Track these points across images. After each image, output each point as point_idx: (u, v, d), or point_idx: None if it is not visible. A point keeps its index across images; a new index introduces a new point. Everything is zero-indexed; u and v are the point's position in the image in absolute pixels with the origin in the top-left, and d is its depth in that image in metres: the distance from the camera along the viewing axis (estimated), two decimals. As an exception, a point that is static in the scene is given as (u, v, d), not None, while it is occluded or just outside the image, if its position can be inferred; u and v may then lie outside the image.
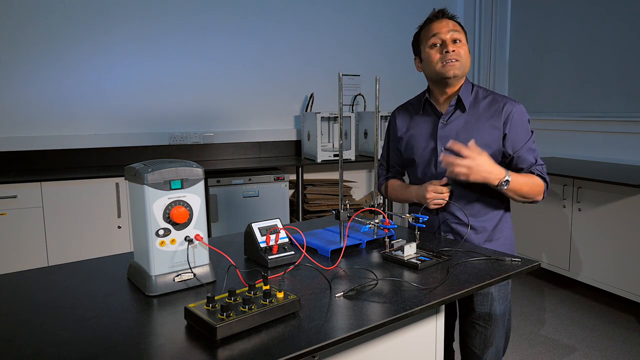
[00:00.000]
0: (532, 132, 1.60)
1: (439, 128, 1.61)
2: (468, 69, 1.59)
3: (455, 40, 1.55)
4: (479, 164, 1.43)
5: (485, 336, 1.60)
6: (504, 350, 1.70)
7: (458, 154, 1.45)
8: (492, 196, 1.60)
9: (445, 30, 1.54)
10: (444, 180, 1.56)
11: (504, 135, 1.56)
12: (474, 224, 1.60)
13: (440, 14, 1.58)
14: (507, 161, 1.60)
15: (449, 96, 1.62)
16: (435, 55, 1.57)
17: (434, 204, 1.57)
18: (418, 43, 1.65)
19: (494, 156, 1.56)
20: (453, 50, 1.54)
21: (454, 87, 1.60)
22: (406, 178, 1.83)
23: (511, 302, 1.70)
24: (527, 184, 1.52)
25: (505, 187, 1.47)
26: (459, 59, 1.54)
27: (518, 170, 1.61)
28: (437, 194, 1.56)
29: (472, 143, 1.46)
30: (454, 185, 1.59)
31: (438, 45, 1.56)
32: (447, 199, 1.56)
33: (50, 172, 3.06)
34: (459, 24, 1.59)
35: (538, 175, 1.57)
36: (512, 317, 2.39)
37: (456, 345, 1.86)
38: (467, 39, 1.60)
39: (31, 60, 3.19)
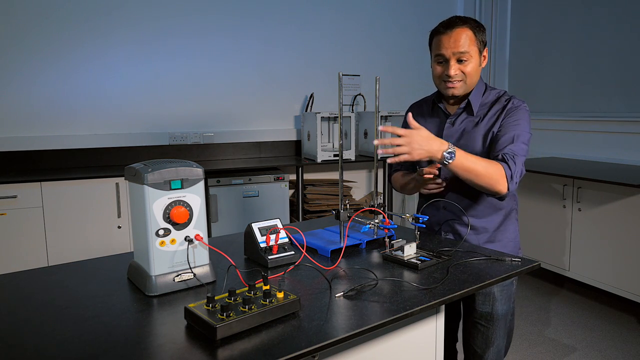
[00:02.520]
0: (529, 132, 1.53)
1: (445, 128, 1.62)
2: (475, 82, 1.57)
3: (461, 59, 1.51)
4: (415, 140, 1.33)
5: (486, 336, 1.61)
6: (506, 349, 1.70)
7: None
8: (491, 197, 1.59)
9: (451, 50, 1.50)
10: (437, 165, 1.48)
11: (501, 126, 1.53)
12: (475, 224, 1.60)
13: (450, 27, 1.52)
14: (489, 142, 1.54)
15: (459, 99, 1.62)
16: (439, 72, 1.57)
17: (428, 188, 1.55)
18: (430, 47, 1.62)
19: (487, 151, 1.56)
20: (455, 73, 1.52)
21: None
22: None
23: (515, 303, 1.70)
24: (481, 165, 1.39)
25: (450, 161, 1.35)
26: (462, 79, 1.53)
27: (492, 151, 1.52)
28: (428, 169, 1.47)
29: (409, 117, 1.38)
30: (457, 183, 1.59)
31: (442, 62, 1.55)
32: (437, 182, 1.53)
33: (50, 172, 3.06)
34: (473, 27, 1.53)
35: (501, 159, 1.45)
36: (514, 320, 2.38)
37: (459, 347, 1.86)
38: (482, 46, 1.54)
39: (31, 61, 3.19)
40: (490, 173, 1.40)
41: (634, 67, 3.42)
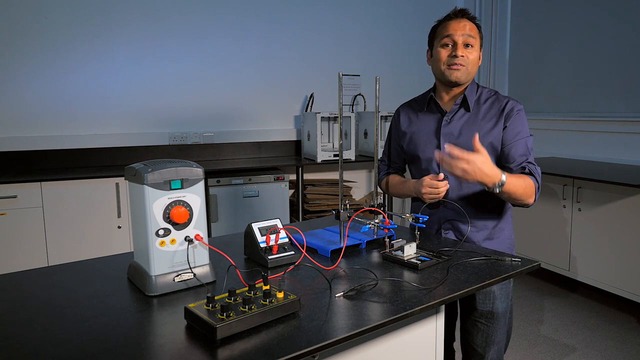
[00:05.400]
0: (530, 134, 1.59)
1: (443, 125, 1.62)
2: (474, 74, 1.60)
3: (468, 44, 1.55)
4: (476, 167, 1.35)
5: (487, 334, 1.61)
6: (505, 348, 1.70)
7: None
8: (493, 194, 1.60)
9: (460, 33, 1.54)
10: (441, 175, 1.53)
11: (504, 128, 1.56)
12: (474, 222, 1.61)
13: (460, 14, 1.58)
14: (500, 152, 1.58)
15: (454, 95, 1.64)
16: (444, 55, 1.58)
17: (429, 198, 1.55)
18: (433, 37, 1.65)
19: (491, 153, 1.57)
20: (462, 56, 1.54)
21: (460, 88, 1.62)
22: (406, 174, 1.84)
23: (512, 300, 1.71)
24: (521, 185, 1.47)
25: (499, 190, 1.42)
26: (465, 65, 1.55)
27: (509, 162, 1.57)
28: (432, 189, 1.52)
29: (475, 140, 1.39)
30: (456, 182, 1.59)
31: (449, 46, 1.57)
32: (442, 194, 1.53)
33: (50, 172, 3.06)
34: (478, 26, 1.59)
35: (529, 173, 1.52)
36: (512, 317, 2.40)
37: (457, 345, 1.86)
38: (481, 44, 1.60)
39: (31, 61, 3.19)
40: (527, 193, 1.49)
41: (634, 67, 3.42)
